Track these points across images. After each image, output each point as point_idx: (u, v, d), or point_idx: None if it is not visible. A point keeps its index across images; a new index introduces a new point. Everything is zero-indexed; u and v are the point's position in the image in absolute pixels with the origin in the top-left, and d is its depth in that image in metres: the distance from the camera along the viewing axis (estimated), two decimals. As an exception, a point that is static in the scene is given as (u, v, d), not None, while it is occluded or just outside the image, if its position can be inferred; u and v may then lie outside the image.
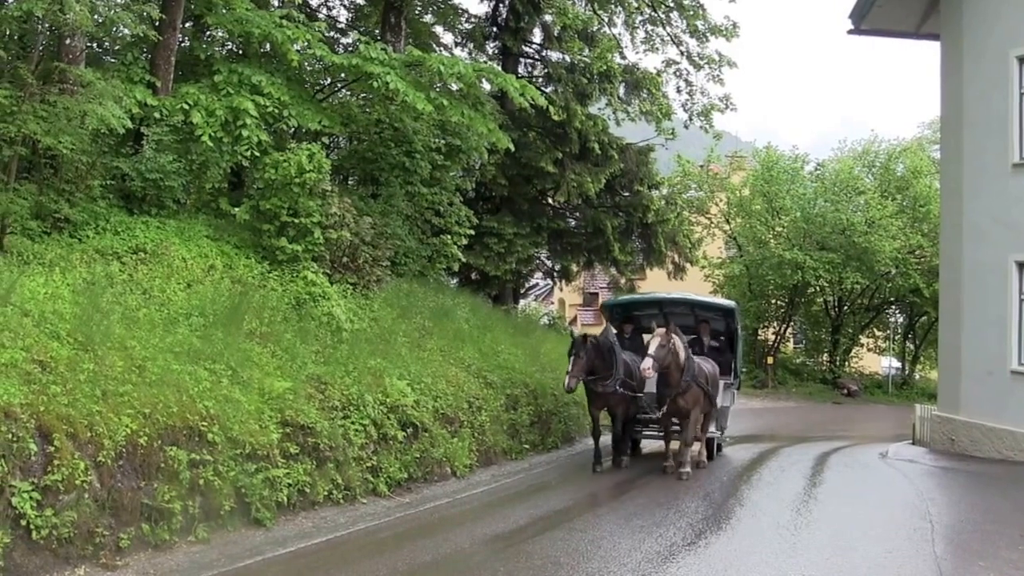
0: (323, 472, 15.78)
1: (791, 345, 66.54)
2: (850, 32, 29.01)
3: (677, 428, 22.29)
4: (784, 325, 61.00)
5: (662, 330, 20.49)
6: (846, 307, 61.18)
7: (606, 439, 23.22)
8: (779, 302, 60.62)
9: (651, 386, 21.76)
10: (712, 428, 24.04)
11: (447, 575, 12.38)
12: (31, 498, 11.05)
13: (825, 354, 63.16)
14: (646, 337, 22.80)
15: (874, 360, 67.04)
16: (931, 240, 52.04)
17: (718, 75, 41.99)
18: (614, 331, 23.72)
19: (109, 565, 11.77)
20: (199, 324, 16.74)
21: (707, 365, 22.51)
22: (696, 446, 22.45)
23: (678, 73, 42.07)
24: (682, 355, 20.75)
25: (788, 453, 26.72)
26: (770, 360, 58.29)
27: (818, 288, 57.92)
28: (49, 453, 11.51)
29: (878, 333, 65.94)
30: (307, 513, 15.27)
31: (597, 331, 24.60)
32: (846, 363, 62.42)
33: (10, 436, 11.09)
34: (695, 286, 49.78)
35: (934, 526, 15.52)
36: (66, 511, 11.46)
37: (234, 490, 13.90)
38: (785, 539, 14.68)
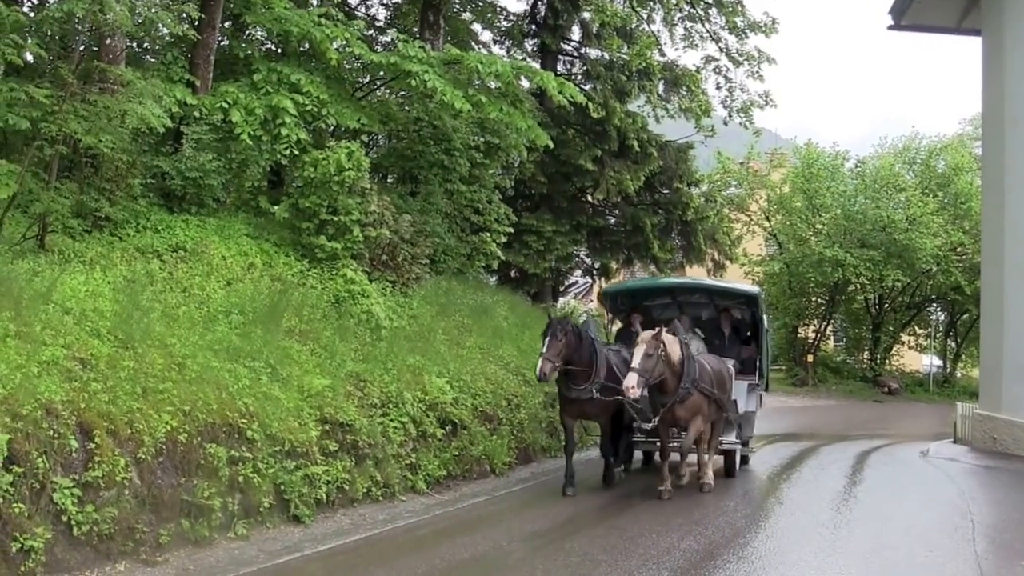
0: (362, 469, 15.80)
1: (831, 343, 66.23)
2: (890, 28, 28.83)
3: (679, 442, 18.99)
4: (824, 323, 60.71)
5: (648, 334, 17.40)
6: (887, 305, 60.85)
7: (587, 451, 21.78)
8: (819, 300, 60.33)
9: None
10: (730, 438, 20.72)
11: (485, 572, 12.37)
12: (72, 494, 11.12)
13: (866, 352, 62.81)
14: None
15: (915, 358, 66.65)
16: (973, 237, 51.68)
17: (757, 72, 41.87)
18: (594, 329, 19.72)
19: (149, 561, 11.82)
20: (239, 322, 16.80)
21: (715, 363, 19.30)
22: (704, 461, 19.07)
23: (717, 70, 41.98)
24: (677, 358, 17.66)
25: (828, 451, 26.58)
26: (810, 358, 58.00)
27: (858, 286, 57.60)
28: (90, 450, 11.58)
29: (919, 331, 65.55)
30: (346, 510, 15.30)
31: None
32: (887, 361, 62.07)
33: (51, 433, 11.16)
34: (735, 284, 49.56)
35: (975, 525, 15.39)
36: (107, 507, 11.52)
37: (273, 487, 13.95)
38: (825, 537, 14.60)
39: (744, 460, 22.24)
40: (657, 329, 17.65)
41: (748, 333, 22.73)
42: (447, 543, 13.67)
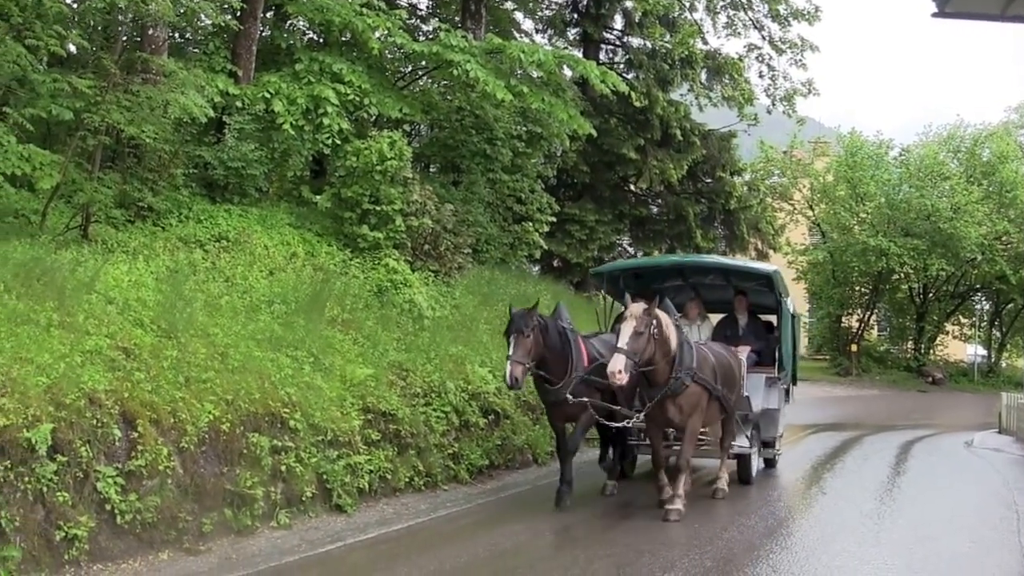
0: (404, 459, 15.79)
1: (875, 332, 65.90)
2: (934, 15, 28.41)
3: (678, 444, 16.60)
4: (868, 312, 60.45)
5: (637, 307, 14.53)
6: (931, 294, 60.50)
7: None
8: (863, 289, 60.04)
9: None
10: (743, 442, 17.98)
11: (528, 561, 12.32)
12: (115, 483, 11.15)
13: (909, 341, 62.49)
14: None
15: (959, 347, 66.28)
16: (1018, 226, 51.43)
17: (800, 60, 41.88)
18: (567, 315, 16.66)
19: (192, 550, 11.84)
20: (281, 311, 16.82)
21: (720, 352, 16.69)
22: (722, 466, 16.90)
23: (760, 58, 41.96)
24: (673, 340, 14.87)
25: (871, 441, 26.46)
26: (854, 347, 57.74)
27: (902, 275, 57.22)
28: (133, 439, 11.60)
29: (963, 320, 65.17)
30: (388, 500, 15.29)
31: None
32: (931, 351, 61.71)
33: (95, 422, 11.19)
34: (778, 273, 49.37)
35: (1020, 516, 15.32)
36: (149, 496, 11.55)
37: (315, 476, 13.95)
38: (868, 528, 14.54)
39: (770, 463, 20.25)
40: (649, 302, 14.77)
41: (768, 320, 20.35)
42: (489, 532, 13.65)
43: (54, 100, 15.86)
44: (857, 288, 60.13)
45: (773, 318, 20.11)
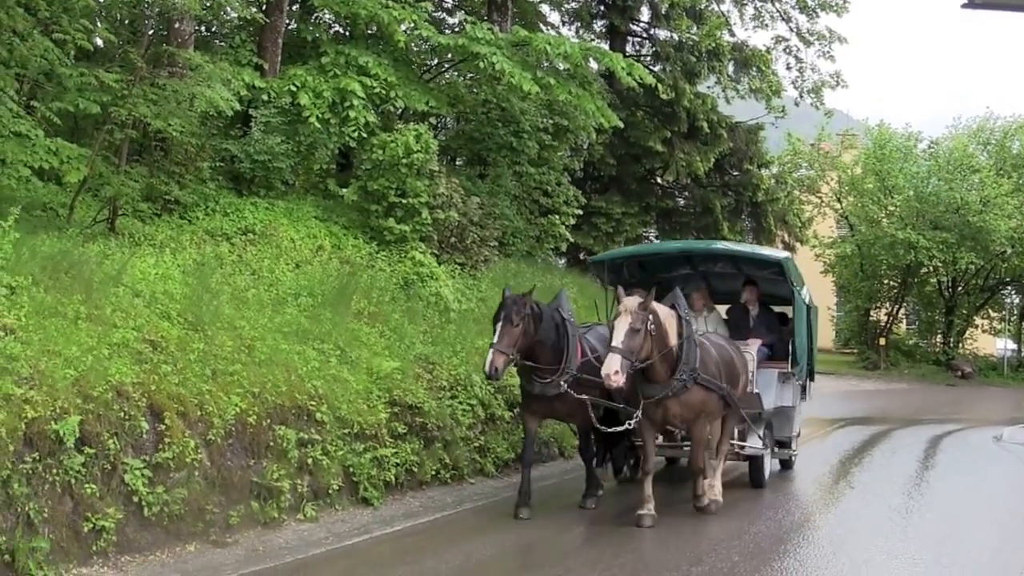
0: (431, 452, 15.78)
1: (904, 326, 65.63)
2: (964, 6, 28.32)
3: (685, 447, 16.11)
4: (896, 306, 60.19)
5: (632, 300, 13.40)
6: (960, 287, 60.19)
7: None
8: (891, 282, 59.77)
9: None
10: (755, 443, 16.95)
11: (554, 555, 12.30)
12: (143, 475, 11.17)
13: (938, 335, 62.20)
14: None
15: (989, 341, 65.90)
16: (1049, 219, 51.09)
17: (828, 51, 41.66)
18: (568, 304, 15.67)
19: (219, 542, 11.87)
20: (307, 304, 16.83)
21: (724, 347, 15.54)
22: (712, 471, 15.33)
23: (788, 50, 41.77)
24: (672, 335, 13.82)
25: (900, 435, 26.34)
26: (882, 341, 57.50)
27: (931, 268, 57.00)
28: (160, 431, 11.63)
29: (993, 314, 64.76)
30: (414, 493, 15.30)
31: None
32: (960, 344, 61.38)
33: (122, 414, 11.21)
34: (806, 266, 49.13)
35: (1051, 510, 15.24)
36: (177, 488, 11.57)
37: (342, 469, 13.96)
38: (896, 522, 14.51)
39: (786, 464, 19.26)
40: (644, 295, 13.69)
41: (783, 311, 18.95)
42: (516, 526, 13.66)
43: (81, 94, 15.92)
44: (885, 281, 59.86)
45: (790, 309, 18.57)
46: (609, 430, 15.00)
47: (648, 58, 38.50)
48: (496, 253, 24.18)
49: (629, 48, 39.16)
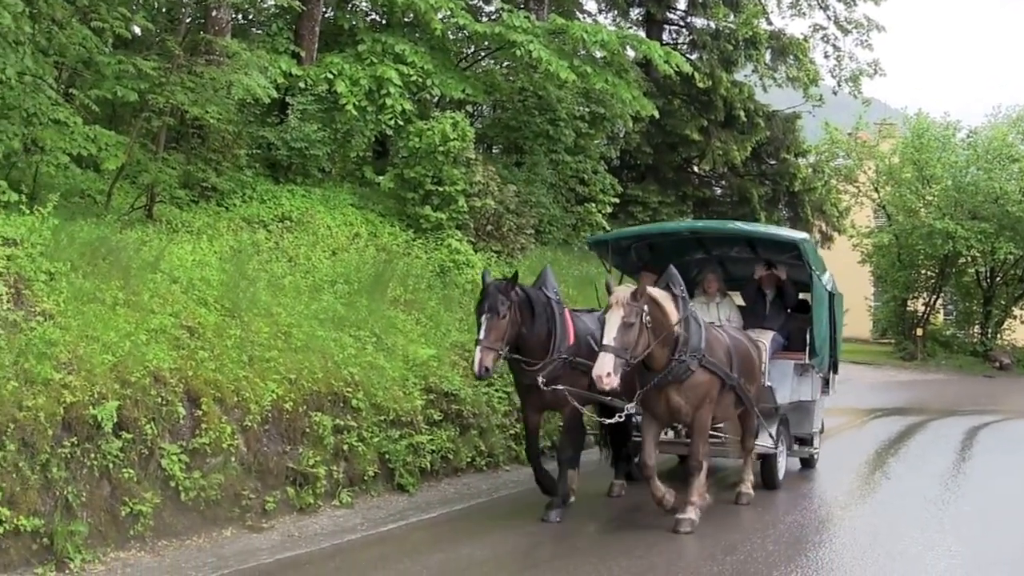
0: (466, 439, 15.78)
1: (941, 316, 65.18)
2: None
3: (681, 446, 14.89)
4: (934, 296, 59.75)
5: (623, 291, 12.26)
6: (999, 278, 59.65)
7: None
8: (929, 272, 59.29)
9: None
10: (766, 441, 15.40)
11: (590, 543, 12.29)
12: (180, 460, 11.27)
13: (976, 326, 61.67)
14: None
15: (1027, 333, 65.42)
16: (1089, 209, 50.62)
17: (866, 40, 41.42)
18: (554, 282, 14.06)
19: (255, 527, 11.94)
20: (344, 291, 16.87)
21: (734, 335, 14.33)
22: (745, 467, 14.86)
23: (825, 38, 41.57)
24: (672, 316, 12.52)
25: (937, 426, 26.17)
26: (919, 331, 57.12)
27: (969, 258, 56.48)
28: (197, 417, 11.72)
29: (1031, 305, 64.30)
30: (450, 480, 15.31)
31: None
32: (998, 335, 60.87)
33: (160, 400, 11.30)
34: (843, 256, 48.91)
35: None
36: (213, 474, 11.66)
37: (378, 456, 13.99)
38: (932, 514, 14.44)
39: (807, 462, 17.92)
40: (637, 286, 12.69)
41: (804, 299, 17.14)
42: (551, 513, 13.61)
43: (119, 82, 15.98)
44: (923, 271, 59.39)
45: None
46: (607, 421, 13.83)
47: (685, 46, 38.31)
48: (532, 241, 24.18)
49: (666, 36, 38.99)
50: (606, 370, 11.65)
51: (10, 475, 9.61)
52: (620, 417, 13.30)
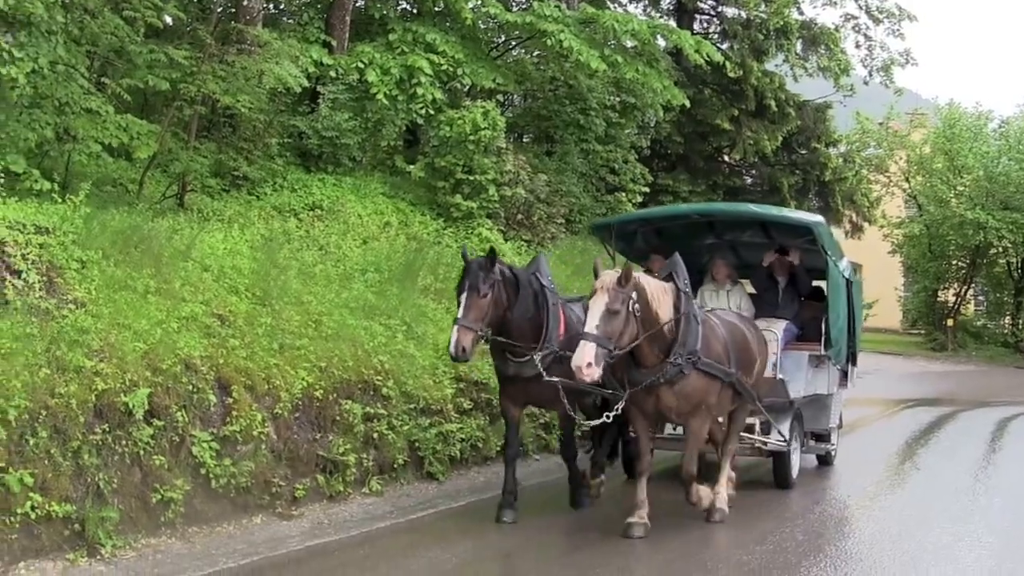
0: (496, 428, 15.70)
1: (972, 307, 64.86)
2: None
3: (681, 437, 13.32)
4: (965, 287, 59.48)
5: (609, 275, 11.10)
6: (1030, 269, 59.43)
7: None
8: (960, 263, 59.02)
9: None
10: (779, 437, 14.51)
11: (618, 533, 12.28)
12: (210, 448, 11.30)
13: (1007, 317, 61.34)
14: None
15: (1059, 324, 65.05)
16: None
17: (898, 29, 41.26)
18: (547, 269, 13.12)
19: (285, 514, 11.98)
20: (374, 280, 16.92)
21: (736, 324, 13.20)
22: (720, 481, 13.15)
23: (857, 28, 41.42)
24: (664, 312, 11.53)
25: (967, 417, 26.08)
26: (950, 322, 56.86)
27: (1000, 249, 56.19)
28: (228, 404, 11.76)
29: (1064, 297, 63.94)
30: (479, 468, 15.31)
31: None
32: (1029, 326, 60.65)
33: (191, 387, 11.34)
34: (873, 246, 48.74)
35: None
36: (244, 461, 11.69)
37: (407, 444, 13.99)
38: (963, 505, 14.37)
39: (824, 460, 17.13)
40: (624, 270, 11.21)
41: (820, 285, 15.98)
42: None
43: (151, 71, 16.08)
44: (954, 262, 59.13)
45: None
46: (588, 423, 13.23)
47: (716, 36, 38.16)
48: (563, 230, 24.21)
49: (697, 26, 38.84)
50: (586, 360, 10.61)
51: (42, 461, 9.66)
52: (606, 418, 12.34)
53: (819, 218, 15.98)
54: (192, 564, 10.19)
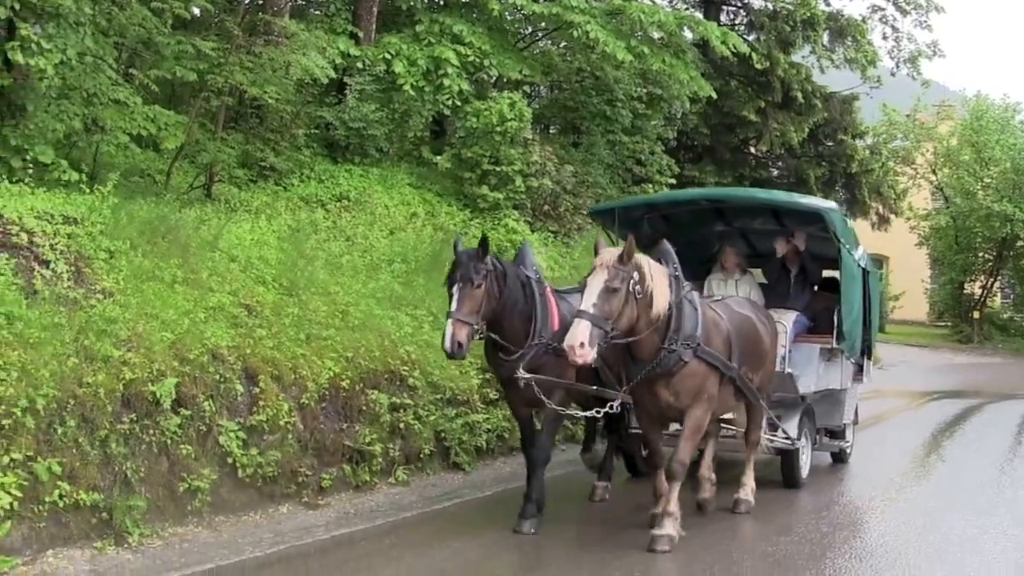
0: (522, 418, 15.81)
1: (998, 300, 64.57)
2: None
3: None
4: (991, 279, 59.19)
5: (609, 252, 10.42)
6: (1057, 261, 59.12)
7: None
8: (987, 255, 58.72)
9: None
10: (780, 434, 13.73)
11: (642, 523, 12.28)
12: (237, 437, 11.37)
13: (1034, 309, 61.13)
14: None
15: (1085, 317, 64.69)
16: None
17: (925, 21, 40.95)
18: (532, 260, 12.35)
19: (311, 504, 12.03)
20: (401, 270, 16.96)
21: (741, 313, 12.47)
22: (746, 472, 13.06)
23: (884, 19, 41.11)
24: (662, 296, 10.67)
25: (993, 409, 25.95)
26: (977, 315, 56.61)
27: (1028, 241, 56.02)
28: (255, 394, 11.82)
29: (1090, 289, 63.58)
30: (505, 459, 15.36)
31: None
32: (1056, 319, 60.33)
33: (218, 377, 11.41)
34: (900, 238, 48.60)
35: None
36: (270, 451, 11.75)
37: (433, 434, 14.05)
38: (988, 497, 14.31)
39: (839, 457, 16.54)
40: (626, 248, 10.46)
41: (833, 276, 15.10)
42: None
43: (179, 62, 16.12)
44: (980, 254, 58.83)
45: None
46: (579, 414, 12.38)
47: (742, 27, 38.02)
48: (589, 221, 24.16)
49: (723, 17, 38.72)
50: (580, 339, 9.75)
51: (70, 450, 9.74)
52: (598, 413, 11.85)
53: (831, 204, 15.55)
54: (219, 553, 10.25)
